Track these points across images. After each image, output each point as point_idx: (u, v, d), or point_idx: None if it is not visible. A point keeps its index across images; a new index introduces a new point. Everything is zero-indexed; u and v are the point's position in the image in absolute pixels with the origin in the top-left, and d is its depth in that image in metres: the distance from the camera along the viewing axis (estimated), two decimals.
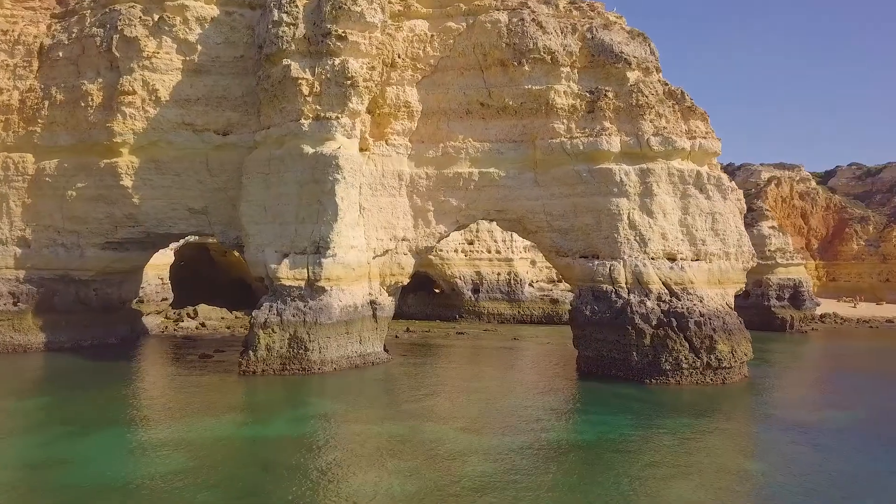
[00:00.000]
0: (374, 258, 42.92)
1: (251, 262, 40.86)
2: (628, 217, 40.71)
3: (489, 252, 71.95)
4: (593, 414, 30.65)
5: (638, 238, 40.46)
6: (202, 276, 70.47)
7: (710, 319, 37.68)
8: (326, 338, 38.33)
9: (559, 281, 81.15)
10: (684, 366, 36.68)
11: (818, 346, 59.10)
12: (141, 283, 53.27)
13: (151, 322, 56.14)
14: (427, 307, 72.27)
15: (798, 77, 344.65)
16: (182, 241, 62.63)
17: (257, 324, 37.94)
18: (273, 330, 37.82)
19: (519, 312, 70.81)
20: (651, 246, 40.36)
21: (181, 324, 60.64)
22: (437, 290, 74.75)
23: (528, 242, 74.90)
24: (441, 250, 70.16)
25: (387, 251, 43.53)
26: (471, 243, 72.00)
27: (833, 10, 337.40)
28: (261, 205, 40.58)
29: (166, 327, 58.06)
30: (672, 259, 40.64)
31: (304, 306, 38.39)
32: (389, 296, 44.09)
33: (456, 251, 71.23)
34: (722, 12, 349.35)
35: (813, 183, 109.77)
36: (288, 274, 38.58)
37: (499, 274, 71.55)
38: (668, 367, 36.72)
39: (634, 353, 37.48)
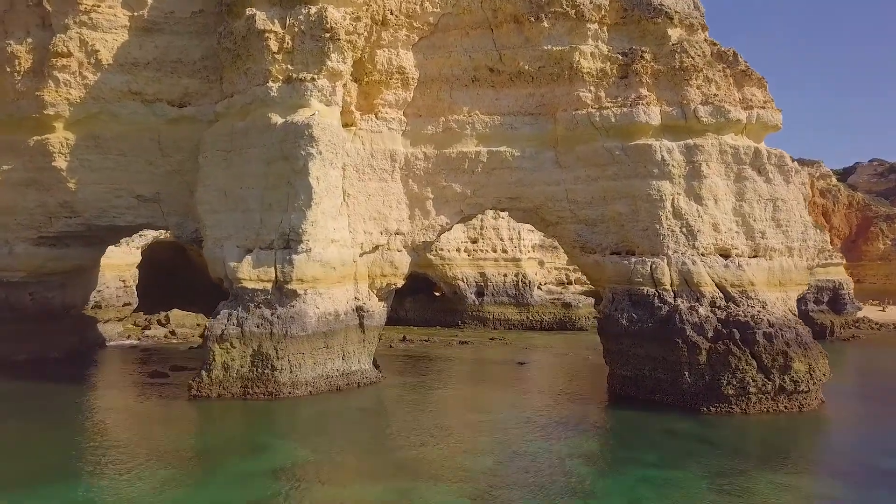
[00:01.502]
0: (361, 255, 34.49)
1: (209, 260, 32.40)
2: (672, 204, 32.28)
3: (494, 251, 63.49)
4: (645, 463, 22.07)
5: (684, 230, 32.03)
6: (177, 278, 62.00)
7: (781, 331, 29.19)
8: (299, 353, 29.88)
9: (569, 283, 73.13)
10: (751, 389, 28.16)
11: (875, 357, 50.55)
12: (95, 286, 44.82)
13: (111, 331, 47.68)
14: (426, 312, 63.76)
15: (815, 69, 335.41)
16: (152, 239, 54.18)
17: (212, 337, 29.49)
18: (232, 344, 29.35)
19: (528, 318, 62.31)
20: (701, 239, 31.93)
21: (148, 332, 52.18)
22: (437, 294, 66.24)
23: (536, 240, 66.77)
24: (442, 249, 61.76)
25: (377, 247, 35.10)
26: (474, 241, 63.55)
27: None
28: (220, 189, 32.11)
29: (129, 336, 49.60)
30: (726, 255, 32.21)
31: (272, 314, 29.94)
32: (380, 301, 35.65)
33: (458, 250, 62.77)
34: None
35: (834, 179, 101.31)
36: (251, 274, 30.11)
37: (505, 275, 63.08)
38: (730, 392, 28.22)
39: (687, 374, 29.00)
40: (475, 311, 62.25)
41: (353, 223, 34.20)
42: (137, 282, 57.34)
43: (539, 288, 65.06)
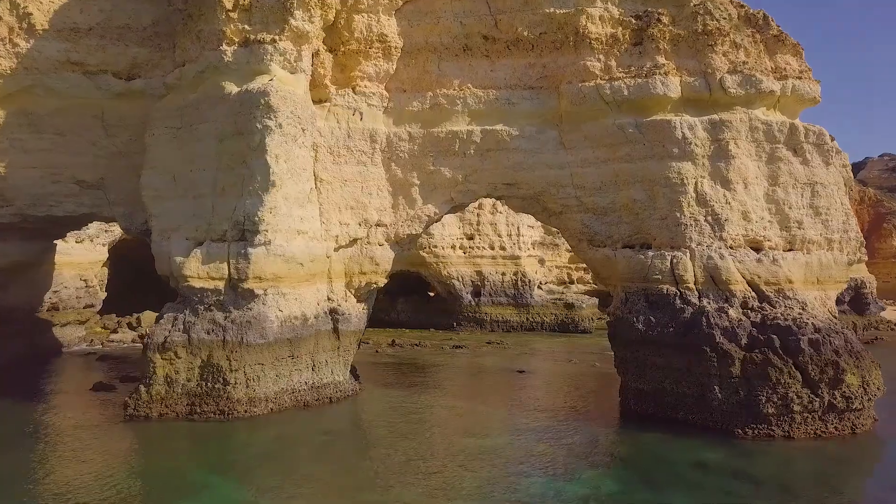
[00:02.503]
0: (336, 250, 29.53)
1: (156, 256, 27.31)
2: (695, 189, 27.29)
3: (492, 248, 58.49)
4: None
5: (710, 218, 27.03)
6: (150, 277, 56.87)
7: (829, 337, 24.15)
8: (258, 365, 24.87)
9: (571, 283, 68.17)
10: (796, 408, 23.10)
11: None
12: (49, 287, 39.87)
13: (71, 335, 42.68)
14: (420, 313, 58.80)
15: (823, 63, 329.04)
16: (121, 234, 49.10)
17: (152, 345, 24.43)
18: (176, 354, 24.30)
19: (527, 319, 57.32)
20: (728, 229, 26.92)
21: (116, 336, 47.20)
22: (432, 294, 61.25)
23: (536, 237, 61.77)
24: (436, 247, 56.84)
25: (355, 240, 30.12)
26: (470, 238, 58.56)
27: None
28: (168, 173, 27.06)
29: (91, 341, 44.59)
30: (757, 248, 27.20)
31: (225, 318, 24.93)
32: (359, 302, 30.65)
33: (453, 247, 57.79)
34: None
35: None
36: (199, 270, 25.06)
37: (503, 274, 58.08)
38: (770, 411, 23.16)
39: (717, 388, 23.93)
40: (471, 313, 57.27)
41: (327, 213, 29.24)
42: (107, 281, 52.49)
43: (539, 287, 60.08)
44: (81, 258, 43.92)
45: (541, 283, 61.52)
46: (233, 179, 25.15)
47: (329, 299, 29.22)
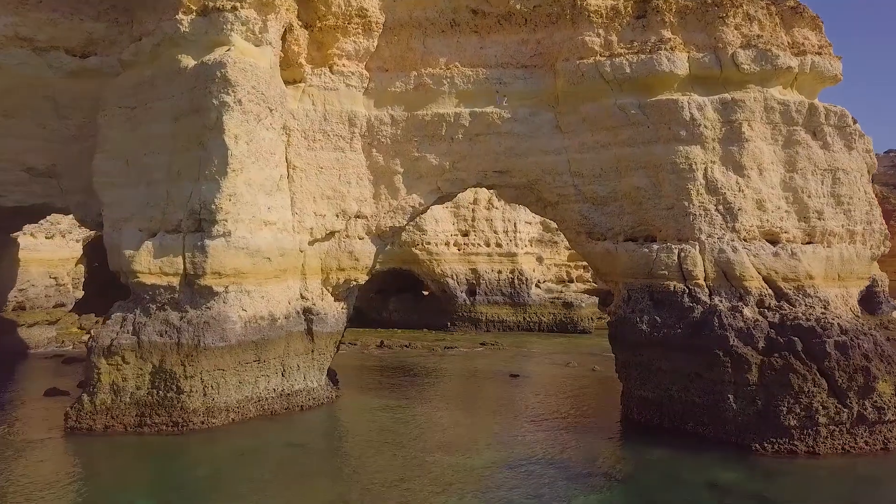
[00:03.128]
0: (311, 244, 26.74)
1: (108, 249, 24.44)
2: (705, 175, 24.44)
3: (488, 245, 55.61)
4: None
5: (721, 208, 24.18)
6: None
7: (857, 340, 21.25)
8: (217, 371, 22.05)
9: (570, 281, 65.30)
10: (821, 419, 20.21)
11: None
12: (13, 285, 37.15)
13: (39, 336, 39.93)
14: (412, 313, 55.92)
15: None
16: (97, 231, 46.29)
17: (97, 349, 21.58)
18: (124, 359, 21.47)
19: (524, 319, 54.43)
20: (742, 220, 24.07)
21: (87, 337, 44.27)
22: (425, 293, 58.40)
23: (534, 234, 58.92)
24: (429, 243, 54.00)
25: (332, 233, 27.32)
26: (465, 234, 55.69)
27: None
28: (122, 157, 24.22)
29: (62, 342, 41.79)
30: (773, 241, 24.35)
31: (180, 319, 22.10)
32: (337, 301, 27.84)
33: (447, 244, 54.91)
34: None
35: None
36: (151, 265, 22.22)
37: (499, 272, 55.19)
38: (792, 423, 20.28)
39: (731, 397, 21.04)
40: (466, 312, 54.40)
41: (301, 203, 26.44)
42: (84, 279, 49.77)
43: (537, 286, 57.18)
44: (51, 254, 41.14)
45: (539, 281, 58.64)
46: (188, 163, 22.29)
47: (303, 298, 26.41)
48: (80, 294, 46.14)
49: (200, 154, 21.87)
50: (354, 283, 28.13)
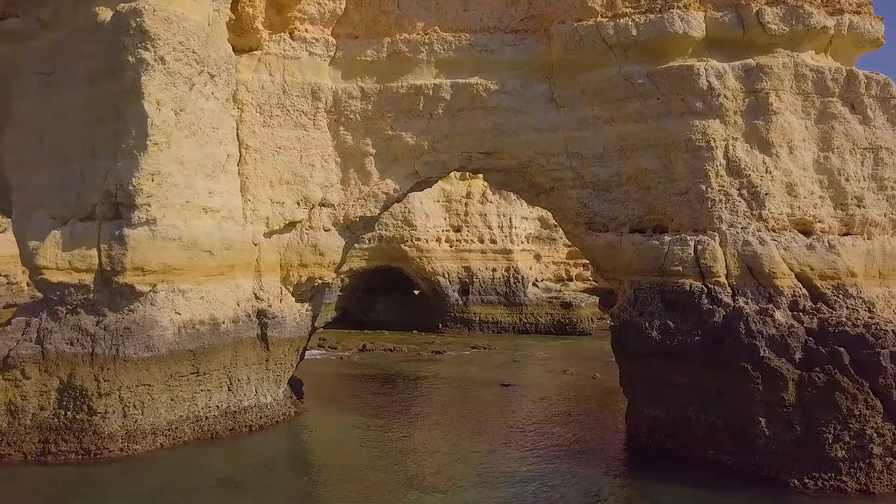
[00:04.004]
0: (267, 236, 22.80)
1: (17, 242, 20.40)
2: (725, 153, 20.41)
3: (481, 241, 51.52)
4: None
5: (746, 192, 20.15)
6: None
7: None
8: (142, 386, 18.09)
9: (569, 280, 61.22)
10: (876, 449, 16.16)
11: None
12: None
13: None
14: (401, 313, 51.76)
15: None
16: None
17: None
18: (24, 373, 17.47)
19: (520, 320, 50.32)
20: (770, 206, 20.03)
21: None
22: (416, 292, 54.33)
23: (531, 230, 54.84)
24: (419, 240, 49.95)
25: (292, 224, 23.39)
26: (458, 230, 51.62)
27: None
28: (35, 132, 20.15)
29: None
30: (806, 231, 20.30)
31: (96, 324, 18.12)
32: (300, 302, 23.88)
33: (438, 240, 50.84)
34: None
35: None
36: (59, 259, 18.21)
37: (494, 270, 51.09)
38: (840, 454, 16.22)
39: (763, 421, 16.98)
40: (458, 313, 50.31)
41: (255, 188, 22.50)
42: None
43: (534, 285, 53.09)
44: (2, 251, 37.14)
45: (536, 280, 54.60)
46: (105, 136, 18.27)
47: (257, 298, 22.45)
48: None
49: (118, 125, 17.85)
50: (320, 281, 24.13)
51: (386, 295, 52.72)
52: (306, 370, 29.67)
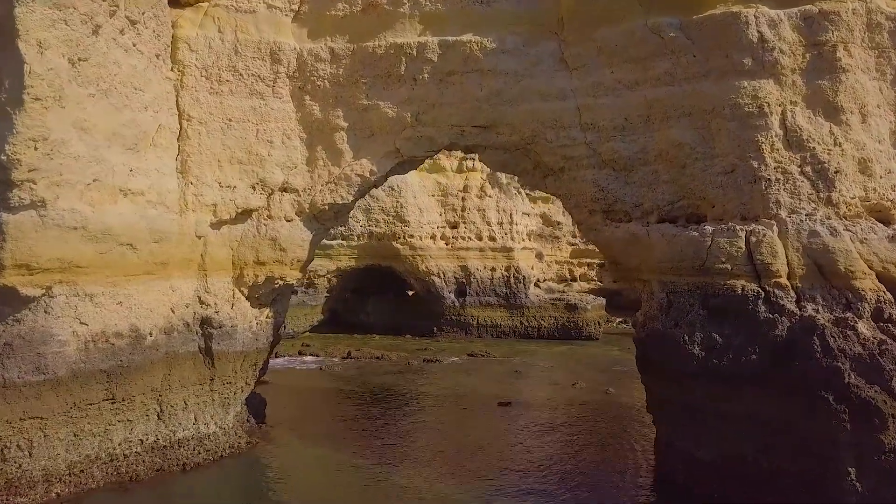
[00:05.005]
0: (214, 226, 18.32)
1: None
2: (783, 122, 15.89)
3: (479, 239, 46.94)
4: None
5: (810, 169, 15.61)
6: None
7: None
8: (31, 420, 13.57)
9: (573, 280, 56.89)
10: None
11: None
12: None
13: None
14: (393, 316, 47.13)
15: None
16: None
17: None
18: None
19: (521, 323, 45.75)
20: (841, 188, 15.50)
21: None
22: (409, 293, 49.77)
23: (533, 226, 50.36)
24: (412, 237, 45.41)
25: (246, 212, 18.91)
26: (454, 227, 47.06)
27: None
28: None
29: None
30: (884, 219, 15.77)
31: None
32: (257, 307, 19.40)
33: (433, 237, 46.30)
34: None
35: None
36: None
37: (493, 269, 46.51)
38: None
39: (853, 472, 12.44)
40: (454, 316, 45.75)
41: (199, 168, 18.03)
42: None
43: (536, 286, 48.57)
44: None
45: (538, 280, 50.11)
46: None
47: (202, 303, 17.97)
48: None
49: None
50: (281, 282, 19.60)
51: (376, 296, 48.14)
52: (277, 384, 25.40)
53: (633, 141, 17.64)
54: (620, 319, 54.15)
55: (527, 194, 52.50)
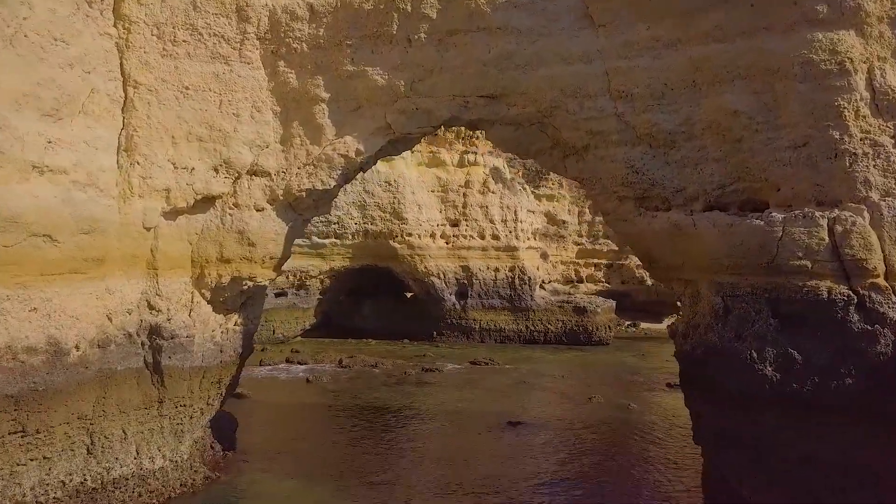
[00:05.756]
0: (167, 216, 14.94)
1: None
2: (869, 83, 12.48)
3: (482, 237, 43.61)
4: None
5: None
6: None
7: None
8: None
9: (579, 281, 53.65)
10: None
11: None
12: None
13: None
14: (391, 320, 43.78)
15: None
16: None
17: None
18: None
19: (526, 328, 42.46)
20: None
21: None
22: (407, 295, 46.39)
23: (538, 224, 47.04)
24: (410, 235, 42.11)
25: (208, 199, 15.52)
26: (455, 224, 43.74)
27: None
28: None
29: None
30: None
31: None
32: (222, 313, 16.00)
33: (432, 236, 42.99)
34: None
35: None
36: None
37: (497, 270, 43.19)
38: None
39: None
40: (455, 319, 42.50)
41: (148, 145, 14.65)
42: None
43: (541, 287, 45.24)
44: None
45: (543, 281, 46.79)
46: None
47: (151, 308, 14.60)
48: None
49: None
50: (250, 283, 16.19)
51: (372, 299, 44.81)
52: (255, 399, 22.11)
53: (674, 111, 14.22)
54: (629, 323, 50.95)
55: (532, 191, 49.27)
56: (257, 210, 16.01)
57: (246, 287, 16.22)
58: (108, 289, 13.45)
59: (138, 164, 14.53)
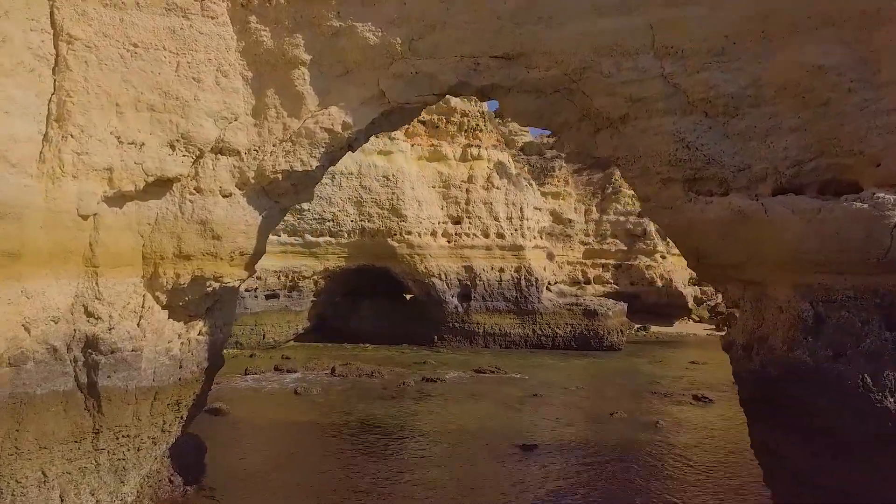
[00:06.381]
0: (111, 202, 11.93)
1: None
2: None
3: (486, 236, 40.68)
4: None
5: None
6: None
7: None
8: None
9: (586, 283, 50.84)
10: None
11: None
12: None
13: None
14: (389, 323, 40.75)
15: None
16: None
17: None
18: None
19: (533, 332, 39.53)
20: None
21: None
22: (407, 297, 43.45)
23: (545, 223, 44.09)
24: (409, 233, 39.16)
25: (163, 182, 12.50)
26: (457, 222, 40.80)
27: None
28: None
29: None
30: None
31: None
32: (182, 320, 12.97)
33: (433, 234, 40.04)
34: None
35: None
36: None
37: (501, 270, 40.27)
38: None
39: None
40: (458, 322, 39.56)
41: (83, 114, 11.67)
42: None
43: (548, 289, 42.30)
44: None
45: (550, 282, 43.85)
46: None
47: (88, 316, 11.62)
48: None
49: None
50: (216, 283, 13.22)
51: (369, 301, 41.77)
52: (235, 416, 19.23)
53: (737, 70, 11.26)
54: (639, 326, 48.16)
55: (538, 188, 46.43)
56: (224, 196, 13.04)
57: (210, 289, 13.25)
58: (24, 291, 10.48)
59: (72, 136, 11.55)
